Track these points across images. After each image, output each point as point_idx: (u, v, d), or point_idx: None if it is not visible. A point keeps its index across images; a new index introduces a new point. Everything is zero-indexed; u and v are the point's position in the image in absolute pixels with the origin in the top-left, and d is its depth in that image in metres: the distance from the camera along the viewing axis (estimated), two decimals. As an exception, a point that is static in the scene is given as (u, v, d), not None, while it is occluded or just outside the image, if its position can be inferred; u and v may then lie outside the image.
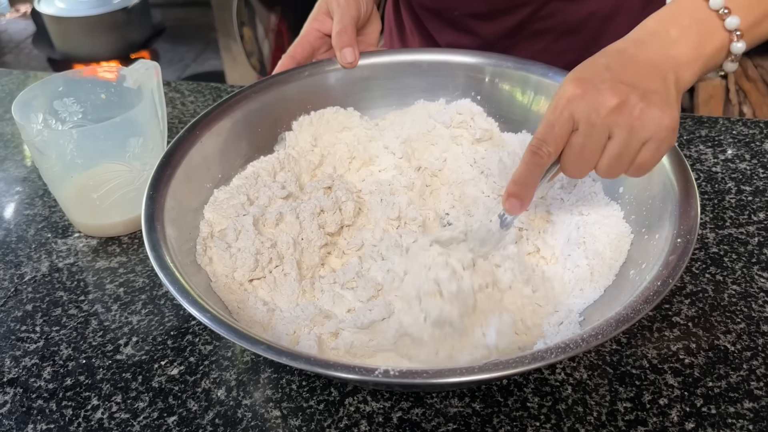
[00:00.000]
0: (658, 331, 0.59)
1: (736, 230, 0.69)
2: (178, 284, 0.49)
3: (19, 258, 0.69)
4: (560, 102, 0.50)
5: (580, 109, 0.49)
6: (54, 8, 2.48)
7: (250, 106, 0.68)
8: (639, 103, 0.48)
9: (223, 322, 0.46)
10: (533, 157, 0.51)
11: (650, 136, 0.49)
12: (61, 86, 0.71)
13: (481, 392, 0.55)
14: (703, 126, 0.84)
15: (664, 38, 0.52)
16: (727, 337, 0.58)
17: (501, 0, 0.78)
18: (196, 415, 0.54)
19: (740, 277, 0.64)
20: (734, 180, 0.76)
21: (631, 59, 0.51)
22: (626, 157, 0.50)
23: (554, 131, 0.50)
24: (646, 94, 0.49)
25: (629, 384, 0.55)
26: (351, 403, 0.54)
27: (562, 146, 0.51)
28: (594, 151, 0.50)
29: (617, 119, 0.49)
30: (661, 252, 0.52)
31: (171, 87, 0.96)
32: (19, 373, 0.58)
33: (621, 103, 0.48)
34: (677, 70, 0.51)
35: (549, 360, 0.43)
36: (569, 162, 0.51)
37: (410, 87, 0.76)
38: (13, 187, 0.80)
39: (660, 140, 0.49)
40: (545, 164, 0.51)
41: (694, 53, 0.51)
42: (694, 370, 0.56)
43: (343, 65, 0.72)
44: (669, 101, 0.49)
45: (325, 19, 0.73)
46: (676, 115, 0.49)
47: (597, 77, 0.50)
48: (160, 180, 0.58)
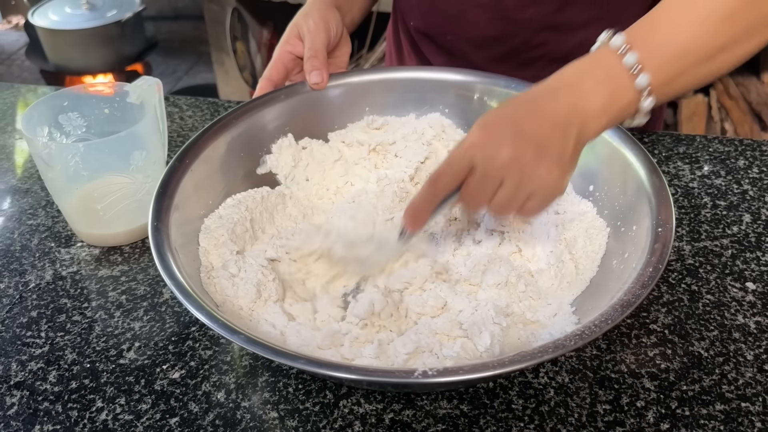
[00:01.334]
0: (636, 337, 0.62)
1: (711, 243, 0.73)
2: (205, 311, 0.51)
3: (23, 266, 0.72)
4: (464, 145, 0.55)
5: (478, 156, 0.54)
6: (47, 21, 2.50)
7: (232, 131, 0.70)
8: (531, 161, 0.53)
9: (270, 347, 0.49)
10: (430, 186, 0.57)
11: (536, 189, 0.54)
12: (66, 101, 0.73)
13: (469, 394, 0.58)
14: (681, 143, 0.88)
15: (577, 91, 0.54)
16: (701, 343, 0.62)
17: (492, 28, 0.82)
18: (197, 416, 0.56)
19: (714, 288, 0.67)
20: (710, 195, 0.79)
21: (538, 112, 0.54)
22: (513, 204, 0.56)
23: (453, 169, 0.56)
24: (539, 152, 0.53)
25: (608, 387, 0.58)
26: (345, 405, 0.57)
27: (458, 183, 0.56)
28: (485, 194, 0.55)
29: (509, 171, 0.54)
30: (644, 241, 0.57)
31: (169, 102, 0.99)
32: (25, 376, 0.60)
33: (514, 158, 0.53)
34: (583, 124, 0.54)
35: (571, 347, 0.48)
36: (464, 197, 0.57)
37: (381, 104, 0.79)
38: (16, 198, 0.82)
39: (544, 195, 0.55)
40: (440, 195, 0.57)
41: (602, 108, 0.54)
42: (669, 374, 0.59)
43: (311, 86, 0.75)
44: (561, 159, 0.54)
45: (297, 42, 0.76)
46: (563, 172, 0.54)
47: (502, 128, 0.54)
48: (160, 210, 0.59)
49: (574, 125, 0.54)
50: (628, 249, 0.60)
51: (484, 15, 0.81)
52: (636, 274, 0.53)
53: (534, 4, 0.78)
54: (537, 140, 0.53)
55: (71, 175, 0.68)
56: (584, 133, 0.55)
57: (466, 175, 0.56)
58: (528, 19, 0.80)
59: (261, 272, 0.60)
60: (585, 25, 0.80)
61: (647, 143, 0.87)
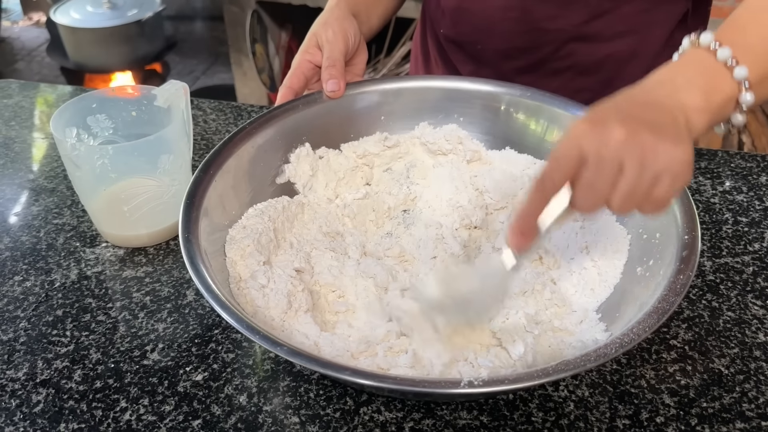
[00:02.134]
0: (657, 353, 0.62)
1: (732, 259, 0.73)
2: (245, 323, 0.51)
3: (49, 265, 0.73)
4: (568, 138, 0.48)
5: (588, 144, 0.47)
6: (69, 18, 2.53)
7: (253, 141, 0.70)
8: (650, 135, 0.47)
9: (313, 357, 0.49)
10: (538, 190, 0.50)
11: (664, 169, 0.47)
12: (94, 103, 0.74)
13: (488, 405, 0.58)
14: (703, 158, 0.88)
15: (671, 86, 0.51)
16: (721, 360, 0.62)
17: (521, 39, 0.82)
18: (219, 419, 0.57)
19: (735, 305, 0.67)
20: (731, 211, 0.79)
21: (640, 100, 0.51)
22: (639, 191, 0.48)
23: (560, 165, 0.48)
24: (656, 128, 0.47)
25: (628, 402, 0.58)
26: (365, 412, 0.58)
27: (567, 178, 0.49)
28: (604, 186, 0.48)
29: (628, 151, 0.46)
30: (670, 249, 0.58)
31: (193, 105, 1.00)
32: (51, 374, 0.61)
33: (631, 135, 0.46)
34: (687, 113, 0.50)
35: (612, 354, 0.48)
36: (579, 197, 0.49)
37: (396, 114, 0.80)
38: (42, 197, 0.83)
39: (674, 174, 0.47)
40: (549, 195, 0.50)
41: (703, 100, 0.51)
42: (689, 391, 0.59)
43: (327, 94, 0.76)
44: (680, 135, 0.48)
45: (316, 51, 0.77)
46: (689, 149, 0.48)
47: (606, 115, 0.48)
48: (189, 221, 0.59)
49: (681, 112, 0.50)
50: (653, 256, 0.60)
51: (513, 27, 0.81)
52: (667, 281, 0.54)
53: (564, 16, 0.79)
54: (650, 119, 0.48)
55: (98, 176, 0.69)
56: (691, 123, 0.50)
57: (576, 169, 0.48)
58: (557, 30, 0.80)
59: (290, 282, 0.61)
60: (613, 38, 0.80)
61: (668, 157, 0.87)
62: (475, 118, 0.79)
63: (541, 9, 0.79)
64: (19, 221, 0.79)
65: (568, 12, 0.79)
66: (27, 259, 0.74)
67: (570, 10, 0.79)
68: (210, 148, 0.91)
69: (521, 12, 0.80)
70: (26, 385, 0.60)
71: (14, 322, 0.66)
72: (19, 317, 0.67)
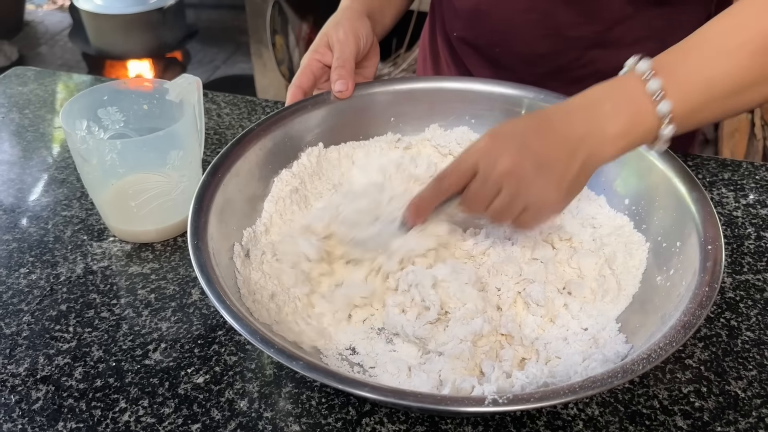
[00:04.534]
0: (671, 372, 0.60)
1: (753, 276, 0.70)
2: (260, 336, 0.50)
3: (55, 258, 0.72)
4: (472, 149, 0.57)
5: (482, 162, 0.56)
6: (92, 4, 2.54)
7: (262, 143, 0.69)
8: (530, 173, 0.54)
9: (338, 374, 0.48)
10: (436, 184, 0.60)
11: (530, 203, 0.56)
12: (106, 95, 0.73)
13: (495, 421, 0.56)
14: (726, 169, 0.85)
15: (596, 113, 0.55)
16: (738, 383, 0.60)
17: (542, 44, 0.80)
18: (218, 424, 0.56)
19: (754, 324, 0.65)
20: (754, 225, 0.77)
21: (549, 130, 0.55)
22: (508, 213, 0.57)
23: (458, 170, 0.58)
24: (541, 167, 0.54)
25: (639, 423, 0.56)
26: (368, 423, 0.56)
27: (461, 185, 0.58)
28: (483, 199, 0.57)
29: (507, 180, 0.55)
30: (692, 258, 0.56)
31: (207, 98, 0.99)
32: (51, 371, 0.61)
33: (513, 169, 0.55)
34: (598, 145, 0.55)
35: (640, 371, 0.47)
36: (464, 200, 0.59)
37: (406, 115, 0.79)
38: (52, 187, 0.83)
39: (538, 209, 0.57)
40: (444, 194, 0.60)
41: (619, 132, 0.54)
42: (704, 413, 0.57)
43: (335, 94, 0.75)
44: (561, 178, 0.55)
45: (326, 51, 0.76)
46: (560, 192, 0.55)
47: (510, 137, 0.56)
48: (198, 227, 0.58)
49: (584, 148, 0.55)
50: (674, 265, 0.59)
51: (534, 31, 0.79)
52: (691, 293, 0.52)
53: (587, 23, 0.77)
54: (541, 156, 0.54)
55: (107, 170, 0.68)
56: (595, 157, 0.55)
57: (470, 178, 0.58)
58: (579, 37, 0.78)
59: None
60: (635, 44, 0.78)
61: (691, 167, 0.85)
62: (486, 120, 0.77)
63: (564, 14, 0.77)
64: (28, 212, 0.79)
65: (591, 18, 0.76)
66: (34, 251, 0.73)
67: (593, 17, 0.76)
68: (222, 143, 0.90)
69: (543, 15, 0.78)
70: (26, 381, 0.60)
71: (18, 316, 0.66)
72: (23, 311, 0.66)
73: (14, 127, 0.94)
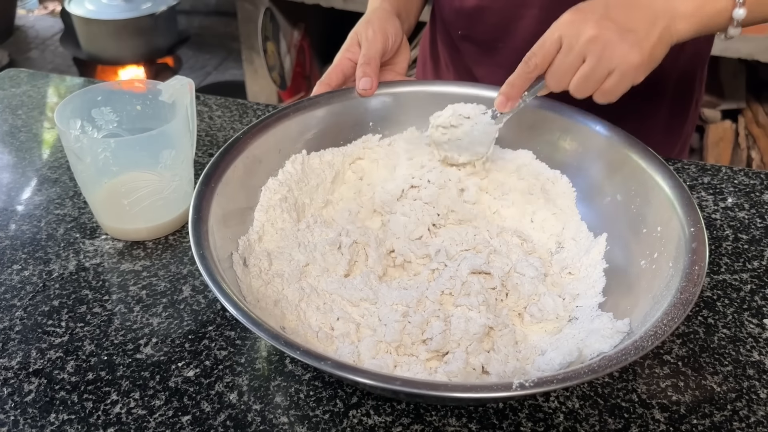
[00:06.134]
0: (649, 368, 0.62)
1: (730, 276, 0.72)
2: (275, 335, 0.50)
3: (48, 255, 0.73)
4: (555, 24, 0.62)
5: (566, 32, 0.60)
6: (83, 9, 2.54)
7: (248, 152, 0.69)
8: (614, 38, 0.58)
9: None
10: (524, 66, 0.63)
11: (615, 66, 0.59)
12: (99, 96, 0.75)
13: (478, 413, 0.58)
14: (706, 173, 0.88)
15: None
16: (714, 378, 0.62)
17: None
18: (208, 416, 0.57)
19: (731, 322, 0.67)
20: (732, 228, 0.79)
21: (630, 2, 0.60)
22: (592, 80, 0.60)
23: (544, 47, 0.62)
24: (623, 33, 0.58)
25: (618, 416, 0.58)
26: (354, 415, 0.58)
27: (548, 60, 0.62)
28: (568, 70, 0.61)
29: (591, 47, 0.59)
30: (676, 241, 0.59)
31: (199, 100, 1.01)
32: (44, 364, 0.62)
33: (598, 35, 0.59)
34: (672, 20, 0.60)
35: (650, 347, 0.49)
36: (549, 74, 0.63)
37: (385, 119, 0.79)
38: (45, 186, 0.84)
39: (623, 72, 0.59)
40: (533, 73, 0.63)
41: (693, 8, 0.61)
42: (680, 407, 0.59)
43: (358, 92, 0.76)
44: (642, 43, 0.59)
45: (357, 50, 0.77)
46: (643, 55, 0.59)
47: (591, 10, 0.60)
48: (200, 236, 0.58)
49: (663, 18, 0.60)
50: (657, 249, 0.62)
51: (532, 26, 0.82)
52: (681, 273, 0.55)
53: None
54: (622, 23, 0.59)
55: (100, 168, 0.69)
56: (672, 30, 0.60)
57: (555, 53, 0.61)
58: None
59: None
60: None
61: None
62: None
63: (562, 9, 0.79)
64: (21, 210, 0.80)
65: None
66: (26, 248, 0.74)
67: None
68: (214, 144, 0.91)
69: (540, 10, 0.80)
70: (19, 374, 0.61)
71: (10, 311, 0.67)
72: (16, 306, 0.67)
73: (7, 128, 0.95)
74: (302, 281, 0.64)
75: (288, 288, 0.62)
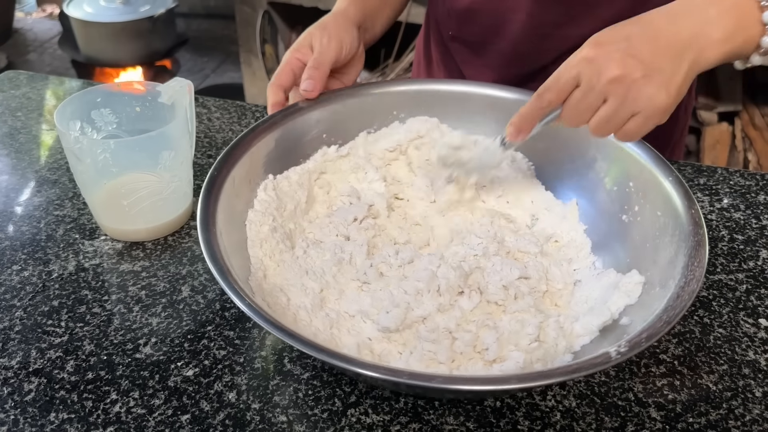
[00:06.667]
0: (645, 367, 0.63)
1: (726, 276, 0.73)
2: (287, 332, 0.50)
3: (47, 256, 0.74)
4: (573, 60, 0.57)
5: (586, 71, 0.56)
6: (82, 12, 2.55)
7: (226, 189, 0.66)
8: (639, 79, 0.54)
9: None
10: (536, 100, 0.60)
11: (640, 110, 0.56)
12: (99, 97, 0.75)
13: (476, 412, 0.58)
14: (702, 174, 0.88)
15: (702, 15, 0.56)
16: (710, 377, 0.62)
17: (528, 43, 0.83)
18: (207, 415, 0.58)
19: (726, 322, 0.67)
20: (728, 228, 0.80)
21: (653, 34, 0.56)
22: (614, 122, 0.57)
23: (559, 83, 0.58)
24: (649, 73, 0.55)
25: (615, 414, 0.58)
26: (353, 414, 0.58)
27: (563, 97, 0.59)
28: (587, 109, 0.58)
29: (614, 88, 0.55)
30: (655, 190, 0.64)
31: (198, 102, 1.01)
32: (44, 364, 0.62)
33: (622, 76, 0.55)
34: (702, 49, 0.56)
35: (654, 340, 0.50)
36: (566, 112, 0.59)
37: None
38: (44, 188, 0.84)
39: (648, 116, 0.56)
40: (545, 108, 0.60)
41: (725, 36, 0.56)
42: (676, 405, 0.59)
43: (301, 92, 0.75)
44: (669, 84, 0.55)
45: (307, 51, 0.76)
46: (670, 97, 0.55)
47: (613, 45, 0.56)
48: (211, 244, 0.57)
49: (691, 51, 0.56)
50: (636, 203, 0.66)
51: (520, 29, 0.82)
52: (681, 263, 0.57)
53: (573, 24, 0.80)
54: (648, 61, 0.55)
55: (100, 169, 0.70)
56: (700, 61, 0.57)
57: (572, 89, 0.58)
58: (564, 36, 0.81)
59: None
60: None
61: (668, 172, 0.88)
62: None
63: (550, 14, 0.80)
64: (21, 211, 0.80)
65: (576, 20, 0.79)
66: (26, 249, 0.74)
67: (578, 19, 0.80)
68: (212, 146, 0.92)
69: (529, 15, 0.81)
70: (19, 374, 0.61)
71: (10, 311, 0.67)
72: (16, 306, 0.67)
73: (7, 129, 0.96)
74: (325, 308, 0.63)
75: (315, 319, 0.61)
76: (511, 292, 0.63)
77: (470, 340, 0.59)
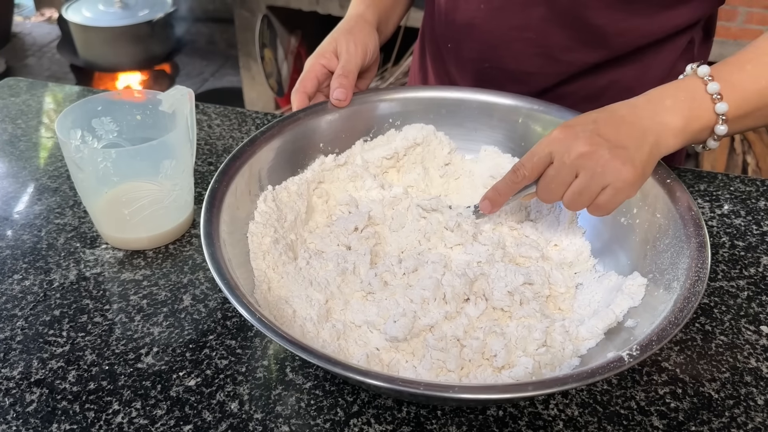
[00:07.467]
0: (647, 375, 0.63)
1: (727, 283, 0.73)
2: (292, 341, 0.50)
3: (48, 265, 0.74)
4: (546, 140, 0.61)
5: (558, 148, 0.60)
6: (80, 17, 2.55)
7: (250, 164, 0.69)
8: (606, 153, 0.58)
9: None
10: (512, 175, 0.64)
11: (609, 182, 0.59)
12: (100, 106, 0.75)
13: (478, 422, 0.58)
14: (702, 180, 0.88)
15: (659, 106, 0.61)
16: (711, 384, 0.62)
17: (533, 62, 0.82)
18: (210, 425, 0.58)
19: (728, 329, 0.68)
20: (729, 235, 0.80)
21: (618, 119, 0.61)
22: (586, 195, 0.60)
23: (533, 160, 0.62)
24: (614, 149, 0.58)
25: (617, 423, 0.58)
26: (355, 424, 0.58)
27: (537, 174, 0.62)
28: (560, 185, 0.61)
29: (584, 162, 0.59)
30: (653, 192, 0.66)
31: (198, 109, 1.01)
32: (45, 374, 0.62)
33: (590, 152, 0.59)
34: (662, 135, 0.60)
35: (690, 312, 0.53)
36: (540, 188, 0.63)
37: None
38: (45, 196, 0.84)
39: (617, 189, 0.59)
40: (520, 184, 0.64)
41: (682, 124, 0.61)
42: (678, 414, 0.59)
43: (332, 102, 0.75)
44: (634, 159, 0.59)
45: (332, 58, 0.77)
46: (636, 171, 0.59)
47: (581, 126, 0.60)
48: (215, 254, 0.57)
49: (651, 135, 0.60)
50: (634, 205, 0.67)
51: (527, 49, 0.81)
52: (684, 265, 0.58)
53: (579, 49, 0.79)
54: (614, 139, 0.59)
55: (101, 178, 0.70)
56: (662, 145, 0.61)
57: (545, 167, 0.61)
58: (569, 62, 0.81)
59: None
60: (618, 66, 0.81)
61: (668, 178, 0.88)
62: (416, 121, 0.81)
63: (557, 37, 0.79)
64: (21, 219, 0.80)
65: (583, 45, 0.79)
66: (27, 258, 0.74)
67: (585, 44, 0.79)
68: (213, 153, 0.92)
69: (537, 35, 0.79)
70: (20, 384, 0.61)
71: (11, 321, 0.67)
72: (17, 316, 0.67)
73: (7, 137, 0.96)
74: (331, 319, 0.63)
75: (322, 330, 0.61)
76: (516, 298, 0.63)
77: (478, 347, 0.59)
